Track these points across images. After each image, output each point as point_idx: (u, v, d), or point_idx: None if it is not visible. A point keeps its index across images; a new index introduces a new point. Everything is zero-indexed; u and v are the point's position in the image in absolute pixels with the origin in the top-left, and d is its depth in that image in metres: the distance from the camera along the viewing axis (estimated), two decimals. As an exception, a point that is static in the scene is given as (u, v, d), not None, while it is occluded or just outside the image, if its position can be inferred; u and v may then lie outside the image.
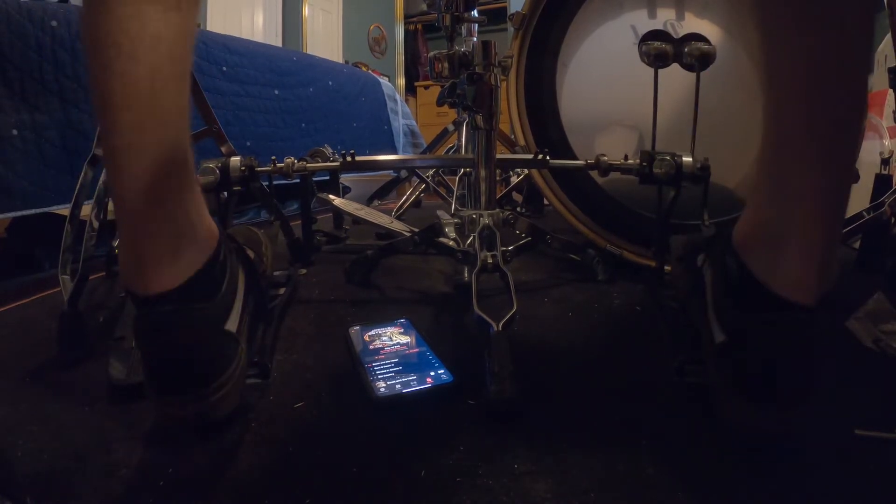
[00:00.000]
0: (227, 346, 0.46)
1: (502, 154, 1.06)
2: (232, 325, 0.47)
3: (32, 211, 1.03)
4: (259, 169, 0.80)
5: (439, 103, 0.97)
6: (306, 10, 4.34)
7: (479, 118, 0.78)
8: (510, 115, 1.02)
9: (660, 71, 0.78)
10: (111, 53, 0.40)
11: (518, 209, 1.62)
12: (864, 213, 0.88)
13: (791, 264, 0.42)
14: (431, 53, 0.85)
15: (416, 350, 0.61)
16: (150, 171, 0.41)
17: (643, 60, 0.80)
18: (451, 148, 1.63)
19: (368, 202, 1.56)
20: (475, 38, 1.36)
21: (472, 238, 0.78)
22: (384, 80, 2.56)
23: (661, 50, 0.77)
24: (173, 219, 0.43)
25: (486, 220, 0.77)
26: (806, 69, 0.40)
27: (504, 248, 0.78)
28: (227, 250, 0.50)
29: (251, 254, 0.65)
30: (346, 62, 3.93)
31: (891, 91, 1.23)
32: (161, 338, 0.41)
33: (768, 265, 0.43)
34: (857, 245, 0.95)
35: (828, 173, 0.41)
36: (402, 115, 2.48)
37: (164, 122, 0.42)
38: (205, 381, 0.43)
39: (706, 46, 0.76)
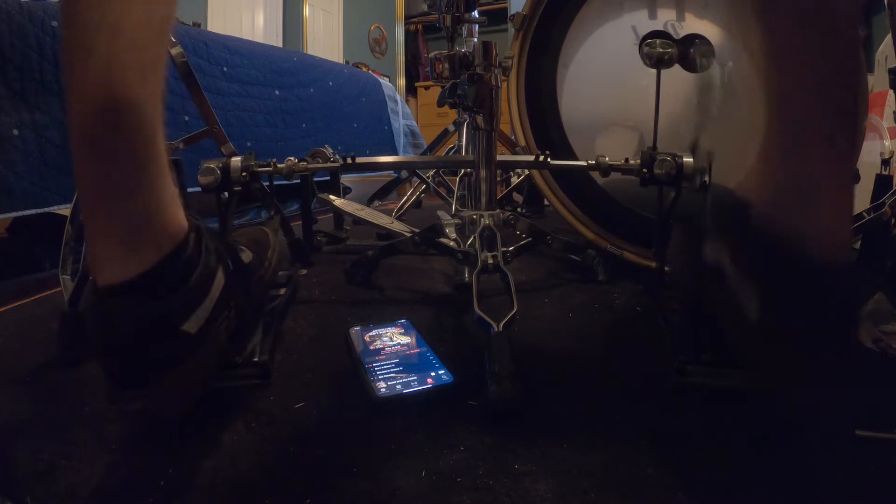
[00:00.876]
0: (179, 346, 0.44)
1: (503, 155, 1.06)
2: (193, 325, 0.45)
3: (33, 211, 1.03)
4: (260, 169, 0.80)
5: (440, 104, 0.97)
6: (307, 11, 4.35)
7: (479, 119, 0.78)
8: (511, 115, 1.02)
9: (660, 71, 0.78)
10: (73, 46, 0.40)
11: (518, 210, 1.62)
12: (865, 214, 0.88)
13: (823, 228, 0.44)
14: (432, 54, 0.85)
15: (417, 350, 0.61)
16: (102, 166, 0.42)
17: (644, 62, 0.80)
18: (452, 148, 1.63)
19: (369, 202, 1.56)
20: (476, 39, 1.36)
21: (472, 238, 0.78)
22: (384, 81, 2.56)
23: (662, 51, 0.77)
24: (127, 215, 0.42)
25: (486, 221, 0.77)
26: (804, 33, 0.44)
27: (504, 249, 0.78)
28: (200, 249, 0.48)
29: (247, 256, 0.65)
30: (347, 63, 3.93)
31: (891, 91, 1.23)
32: (108, 330, 0.41)
33: (798, 228, 0.45)
34: (857, 245, 0.95)
35: (841, 137, 0.44)
36: (402, 116, 2.49)
37: (117, 117, 0.42)
38: (151, 379, 0.42)
39: (706, 48, 0.76)
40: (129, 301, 0.42)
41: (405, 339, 0.64)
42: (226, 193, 0.74)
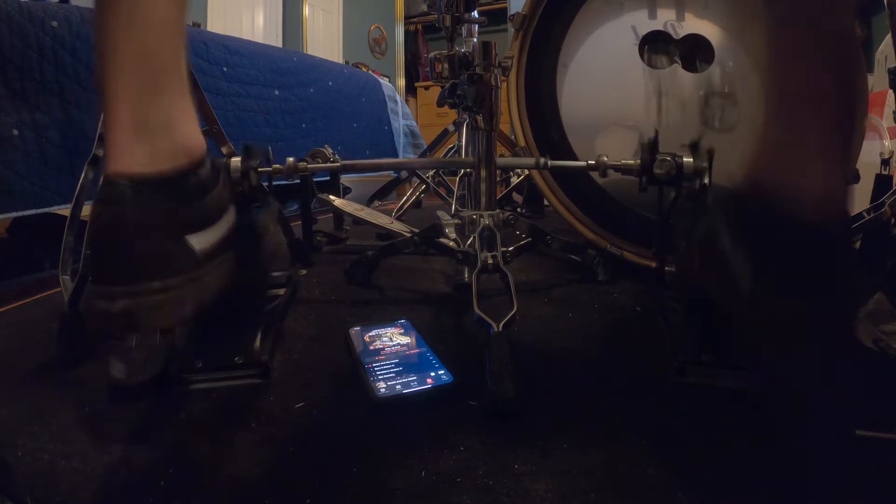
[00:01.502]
0: (179, 252, 0.43)
1: (502, 157, 1.06)
2: (198, 243, 0.45)
3: (33, 211, 1.03)
4: (260, 169, 0.80)
5: (440, 104, 0.98)
6: (306, 11, 4.35)
7: (479, 119, 0.78)
8: (510, 115, 1.02)
9: (660, 71, 0.78)
10: None
11: (518, 210, 1.62)
12: (864, 214, 0.88)
13: (817, 190, 0.45)
14: (432, 54, 0.85)
15: (417, 350, 0.61)
16: (123, 71, 0.44)
17: (644, 61, 0.80)
18: (452, 149, 1.63)
19: (369, 203, 1.56)
20: (475, 39, 1.36)
21: (472, 238, 0.78)
22: (384, 81, 2.56)
23: (661, 50, 0.77)
24: (143, 116, 0.44)
25: (486, 221, 0.77)
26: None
27: (504, 249, 0.78)
28: (218, 180, 0.50)
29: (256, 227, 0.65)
30: (347, 63, 3.93)
31: (891, 91, 1.23)
32: (109, 214, 0.40)
33: (794, 198, 0.45)
34: (857, 245, 0.95)
35: (836, 102, 0.46)
36: (402, 116, 2.49)
37: (143, 28, 0.44)
38: (141, 277, 0.40)
39: (705, 48, 0.76)
40: (139, 191, 0.41)
41: (405, 340, 0.64)
42: (225, 193, 0.74)
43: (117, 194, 0.40)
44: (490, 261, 0.70)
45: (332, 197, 1.24)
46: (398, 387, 0.53)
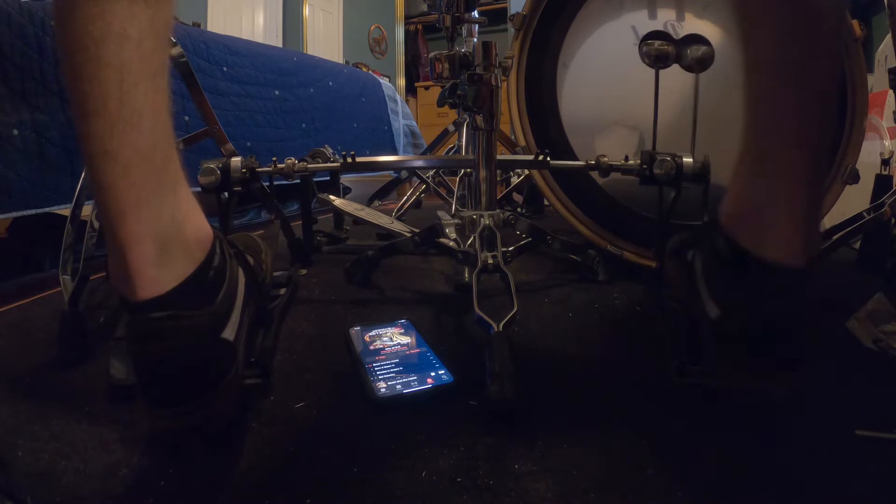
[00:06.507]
0: (224, 357, 0.44)
1: (503, 155, 1.06)
2: (230, 333, 0.45)
3: (33, 211, 1.03)
4: (260, 169, 0.80)
5: (440, 104, 0.97)
6: (307, 11, 4.35)
7: (479, 119, 0.78)
8: (510, 115, 1.02)
9: (660, 71, 0.78)
10: (78, 58, 0.39)
11: (518, 210, 1.62)
12: (864, 214, 0.88)
13: (780, 230, 0.44)
14: (432, 54, 0.85)
15: (417, 350, 0.61)
16: (125, 177, 0.40)
17: (644, 61, 0.80)
18: (452, 148, 1.63)
19: (369, 202, 1.56)
20: (475, 39, 1.36)
21: (472, 238, 0.78)
22: (384, 81, 2.56)
23: (661, 51, 0.77)
24: (155, 223, 0.41)
25: (486, 221, 0.77)
26: (787, 53, 0.44)
27: (504, 249, 0.77)
28: (225, 255, 0.48)
29: (251, 260, 0.65)
30: (347, 63, 3.93)
31: (891, 91, 1.23)
32: (152, 346, 0.40)
33: (757, 235, 0.45)
34: (857, 245, 0.95)
35: (809, 146, 0.44)
36: (402, 116, 2.49)
37: (136, 125, 0.41)
38: (198, 394, 0.41)
39: (705, 48, 0.76)
40: (171, 315, 0.40)
41: (405, 339, 0.64)
42: (226, 194, 0.74)
43: (155, 329, 0.40)
44: (490, 261, 0.70)
45: (332, 197, 1.24)
46: (398, 387, 0.53)
